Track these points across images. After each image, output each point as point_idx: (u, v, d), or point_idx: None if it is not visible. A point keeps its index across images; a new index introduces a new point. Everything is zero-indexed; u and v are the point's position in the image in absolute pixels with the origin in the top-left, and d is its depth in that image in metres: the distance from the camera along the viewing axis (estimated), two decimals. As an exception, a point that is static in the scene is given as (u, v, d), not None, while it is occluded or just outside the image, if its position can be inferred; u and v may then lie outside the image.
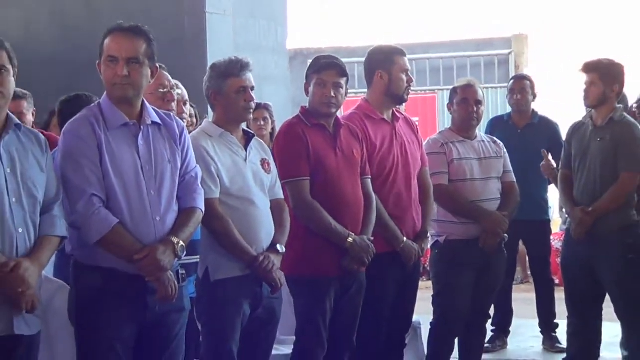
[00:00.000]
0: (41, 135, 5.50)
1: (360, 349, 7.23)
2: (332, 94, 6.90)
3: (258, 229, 6.39)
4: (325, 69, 6.94)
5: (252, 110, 6.62)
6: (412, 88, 7.61)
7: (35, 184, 5.23)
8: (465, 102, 7.99)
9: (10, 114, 5.28)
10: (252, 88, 6.49)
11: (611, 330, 9.61)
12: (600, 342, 9.20)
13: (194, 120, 7.95)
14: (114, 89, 5.55)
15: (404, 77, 7.43)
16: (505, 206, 8.01)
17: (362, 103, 7.51)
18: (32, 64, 5.41)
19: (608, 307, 9.02)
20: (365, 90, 7.65)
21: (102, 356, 5.51)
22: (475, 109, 7.99)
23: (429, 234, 7.56)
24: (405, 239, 7.28)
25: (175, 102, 6.75)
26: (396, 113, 7.54)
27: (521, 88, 10.38)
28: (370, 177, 7.14)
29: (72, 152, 5.48)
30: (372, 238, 6.99)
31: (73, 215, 5.43)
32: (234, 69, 6.47)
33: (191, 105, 8.04)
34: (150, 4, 12.00)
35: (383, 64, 7.45)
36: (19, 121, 5.31)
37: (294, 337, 7.16)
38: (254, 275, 6.31)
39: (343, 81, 6.99)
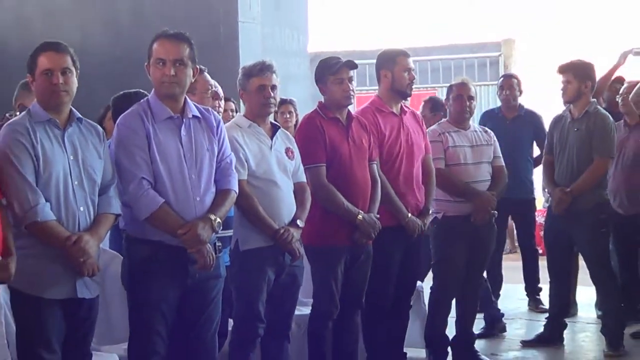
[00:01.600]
0: (99, 127, 5.55)
1: (370, 308, 7.26)
2: (350, 88, 6.96)
3: (280, 207, 6.43)
4: (339, 68, 6.96)
5: (272, 106, 6.62)
6: (415, 85, 7.59)
7: (94, 169, 5.29)
8: (459, 97, 8.00)
9: (73, 109, 5.33)
10: (273, 87, 6.52)
11: (587, 294, 9.64)
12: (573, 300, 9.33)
13: (234, 114, 7.96)
14: (162, 87, 5.59)
15: (406, 75, 7.40)
16: (494, 187, 8.00)
17: (375, 98, 7.51)
18: (89, 67, 5.43)
19: (584, 275, 9.05)
20: (376, 87, 7.65)
21: (149, 316, 5.54)
22: (468, 103, 7.99)
23: (430, 211, 7.57)
24: (409, 214, 7.30)
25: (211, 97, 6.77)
26: (404, 107, 7.53)
27: (509, 85, 10.37)
28: (376, 162, 7.14)
29: (125, 142, 5.53)
30: (378, 215, 7.01)
31: (125, 195, 5.47)
32: (256, 69, 6.53)
33: (232, 101, 8.08)
34: (190, 14, 12.00)
35: (387, 64, 7.45)
36: (80, 115, 5.37)
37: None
38: (277, 246, 6.35)
39: (352, 73, 7.05)
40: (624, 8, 19.46)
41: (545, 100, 11.49)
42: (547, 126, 9.09)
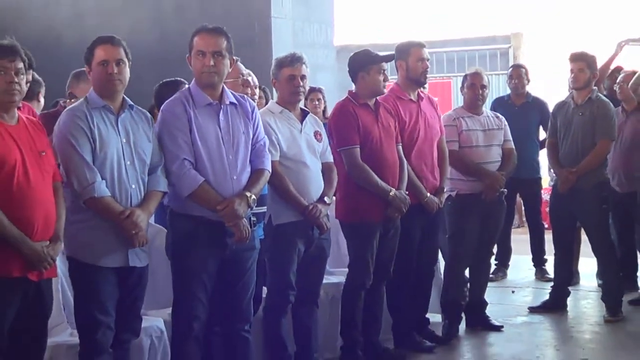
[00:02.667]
0: (148, 113, 5.58)
1: (395, 277, 7.26)
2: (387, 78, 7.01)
3: (309, 185, 6.44)
4: (382, 60, 7.00)
5: (301, 94, 6.64)
6: (432, 75, 7.57)
7: (144, 151, 5.34)
8: (473, 86, 7.97)
9: (126, 97, 5.36)
10: (303, 77, 6.53)
11: (588, 265, 9.61)
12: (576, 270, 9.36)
13: (263, 101, 7.96)
14: (202, 77, 5.60)
15: (420, 64, 7.38)
16: (503, 167, 7.98)
17: (394, 86, 7.49)
18: (137, 59, 5.44)
19: (586, 247, 9.03)
20: (396, 77, 7.64)
21: (191, 284, 5.58)
22: (481, 91, 7.97)
23: (445, 189, 7.56)
24: (428, 193, 7.29)
25: (250, 87, 6.78)
26: (420, 94, 7.51)
27: (518, 75, 10.35)
28: (401, 144, 7.14)
29: (168, 125, 5.55)
30: (407, 192, 7.01)
31: (169, 175, 5.49)
32: (287, 61, 6.55)
33: (264, 89, 8.07)
34: (228, 11, 12.00)
35: (402, 55, 7.43)
36: (132, 102, 5.39)
37: (340, 270, 7.21)
38: (306, 221, 6.36)
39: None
40: (623, 2, 19.37)
41: (550, 87, 11.42)
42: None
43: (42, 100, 6.86)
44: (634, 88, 8.84)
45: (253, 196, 5.61)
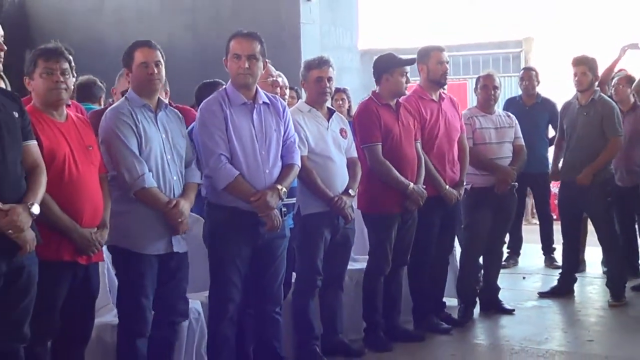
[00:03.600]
0: (179, 112, 5.61)
1: (416, 264, 7.28)
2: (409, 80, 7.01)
3: (334, 178, 6.45)
4: (405, 63, 6.99)
5: (328, 94, 6.64)
6: (449, 77, 7.57)
7: (180, 146, 5.38)
8: (486, 87, 7.96)
9: (160, 97, 5.39)
10: (329, 78, 6.55)
11: (594, 253, 9.58)
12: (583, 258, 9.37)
13: (295, 100, 7.97)
14: (238, 78, 5.63)
15: (439, 67, 7.37)
16: (514, 162, 7.95)
17: (417, 87, 7.48)
18: (174, 62, 5.49)
19: (592, 237, 9.02)
20: (417, 78, 7.64)
21: (226, 269, 5.62)
22: (493, 92, 7.96)
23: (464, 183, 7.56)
24: (447, 186, 7.30)
25: (279, 87, 6.80)
26: (442, 94, 7.50)
27: (529, 77, 10.33)
28: (420, 141, 7.13)
29: (206, 123, 5.58)
30: (425, 186, 7.02)
31: (206, 169, 5.53)
32: (315, 63, 6.58)
33: (295, 90, 8.09)
34: (260, 17, 12.02)
35: (423, 58, 7.41)
36: (166, 102, 5.43)
37: (364, 257, 7.23)
38: (332, 211, 6.39)
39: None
40: (626, 8, 19.29)
41: (558, 89, 11.37)
42: (560, 111, 9.08)
43: (102, 103, 6.90)
44: (637, 89, 8.86)
45: (284, 189, 5.64)
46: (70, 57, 4.94)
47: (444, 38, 16.28)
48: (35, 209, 4.33)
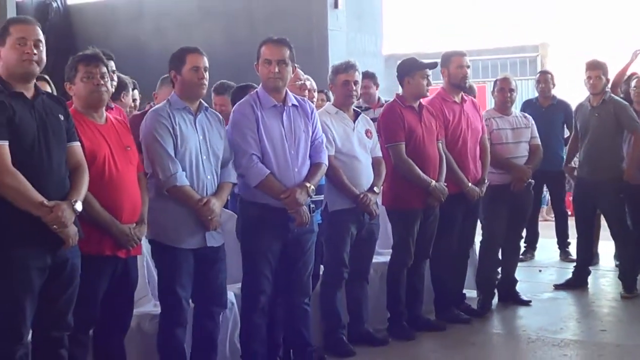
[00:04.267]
0: (219, 114, 5.61)
1: (438, 257, 7.25)
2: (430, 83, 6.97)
3: (360, 176, 6.45)
4: (426, 67, 6.93)
5: (354, 97, 6.64)
6: (469, 80, 7.53)
7: (218, 147, 5.38)
8: (502, 90, 7.90)
9: (202, 101, 5.40)
10: (356, 82, 6.55)
11: (607, 247, 9.53)
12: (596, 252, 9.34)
13: (325, 103, 7.97)
14: (268, 82, 5.62)
15: (460, 71, 7.33)
16: (530, 161, 7.90)
17: (440, 90, 7.45)
18: (211, 66, 5.48)
19: (604, 231, 8.97)
20: (439, 81, 7.63)
21: (258, 262, 5.61)
22: (509, 94, 7.90)
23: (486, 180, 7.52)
24: (470, 183, 7.27)
25: (308, 90, 6.79)
26: (464, 97, 7.47)
27: (545, 80, 10.25)
28: (441, 141, 7.09)
29: (239, 125, 5.58)
30: (446, 184, 6.99)
31: (239, 168, 5.52)
32: (342, 68, 6.57)
33: (324, 92, 8.08)
34: (290, 24, 12.06)
35: (445, 63, 7.39)
36: (207, 105, 5.43)
37: (388, 250, 7.21)
38: (358, 208, 6.38)
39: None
40: (637, 15, 19.25)
41: (573, 91, 11.31)
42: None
43: (124, 100, 6.89)
44: None
45: (312, 186, 5.63)
46: (110, 62, 4.95)
47: (465, 43, 16.30)
48: (78, 206, 4.36)
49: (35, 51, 4.35)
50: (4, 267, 4.24)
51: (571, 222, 9.48)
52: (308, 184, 5.60)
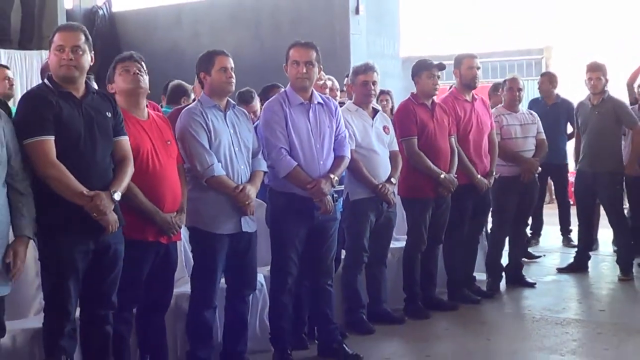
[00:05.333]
0: (246, 111, 5.60)
1: (450, 242, 7.25)
2: (437, 82, 6.93)
3: (378, 168, 6.44)
4: (433, 67, 6.90)
5: (373, 96, 6.63)
6: (479, 80, 7.50)
7: (247, 139, 5.36)
8: (511, 89, 7.87)
9: (229, 99, 5.39)
10: (374, 82, 6.54)
11: (606, 234, 9.47)
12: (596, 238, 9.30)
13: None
14: (296, 82, 5.59)
15: (470, 72, 7.29)
16: (537, 154, 7.87)
17: (453, 90, 7.43)
18: (241, 67, 5.49)
19: (603, 219, 8.92)
20: (451, 81, 7.60)
21: (285, 247, 5.61)
22: (517, 93, 7.88)
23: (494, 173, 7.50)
24: (479, 175, 7.24)
25: (330, 89, 6.76)
26: (475, 96, 7.43)
27: (549, 80, 10.21)
28: (453, 136, 7.06)
29: (269, 121, 5.56)
30: (456, 175, 6.96)
31: (269, 160, 5.51)
32: (361, 69, 6.56)
33: (344, 91, 8.06)
34: (315, 29, 12.06)
35: (457, 64, 7.35)
36: (234, 102, 5.42)
37: (404, 236, 7.20)
38: (377, 197, 6.37)
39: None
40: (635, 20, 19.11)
41: (575, 90, 11.22)
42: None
43: (185, 104, 6.92)
44: None
45: (336, 177, 5.62)
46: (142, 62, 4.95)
47: (476, 46, 16.23)
48: (117, 196, 4.37)
49: (72, 57, 4.35)
50: (51, 252, 4.30)
51: (573, 211, 9.45)
52: (332, 175, 5.58)
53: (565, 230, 10.39)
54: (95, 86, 5.40)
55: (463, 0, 21.74)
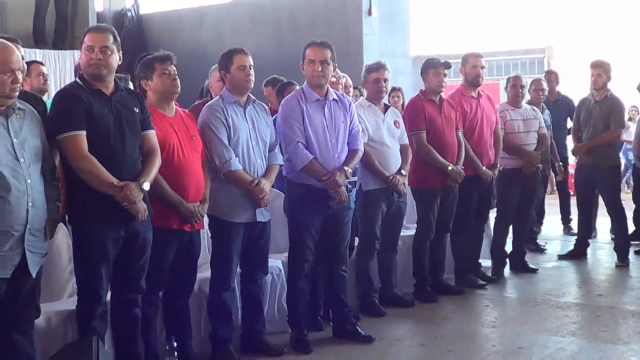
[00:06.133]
0: (265, 106, 5.57)
1: (456, 230, 7.23)
2: (444, 80, 6.90)
3: (389, 161, 6.41)
4: (439, 65, 6.88)
5: (384, 93, 6.60)
6: (485, 77, 7.48)
7: (265, 134, 5.34)
8: (515, 86, 7.84)
9: (250, 94, 5.37)
10: (386, 80, 6.51)
11: (604, 223, 9.43)
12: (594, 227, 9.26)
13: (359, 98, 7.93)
14: (312, 79, 5.56)
15: (474, 70, 7.27)
16: (539, 148, 7.84)
17: (460, 87, 7.39)
18: (261, 66, 5.49)
19: (602, 209, 8.88)
20: (460, 79, 7.59)
21: (302, 235, 5.59)
22: (520, 90, 7.84)
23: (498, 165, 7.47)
24: (484, 167, 7.21)
25: (345, 86, 6.74)
26: (480, 92, 7.40)
27: (550, 78, 10.14)
28: (460, 130, 7.04)
29: (287, 116, 5.54)
30: (463, 167, 6.94)
31: (286, 153, 5.50)
32: (374, 67, 6.53)
33: (358, 88, 8.04)
34: (330, 29, 12.09)
35: (463, 63, 7.34)
36: (254, 98, 5.40)
37: (414, 225, 7.17)
38: (388, 188, 6.36)
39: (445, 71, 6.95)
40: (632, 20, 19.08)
41: (575, 88, 11.15)
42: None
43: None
44: None
45: (349, 169, 5.59)
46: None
47: (482, 45, 16.22)
48: (146, 186, 4.37)
49: (100, 56, 4.35)
50: (84, 239, 4.32)
51: (573, 201, 9.42)
52: (346, 168, 5.56)
53: (565, 219, 10.37)
54: (131, 85, 5.42)
55: (470, 2, 21.73)
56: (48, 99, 5.72)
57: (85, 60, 4.38)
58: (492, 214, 7.98)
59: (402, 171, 6.47)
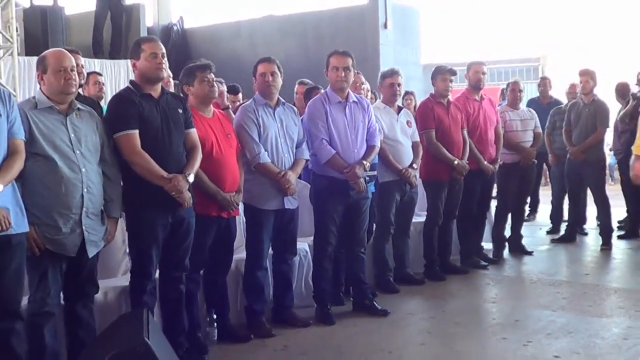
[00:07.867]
0: (294, 107, 5.56)
1: (462, 217, 7.18)
2: (450, 85, 6.86)
3: (402, 156, 6.38)
4: (445, 71, 6.84)
5: (397, 96, 6.56)
6: (487, 83, 7.43)
7: (293, 132, 5.32)
8: (514, 90, 7.78)
9: (280, 97, 5.35)
10: (399, 84, 6.46)
11: (591, 211, 9.35)
12: (584, 216, 9.16)
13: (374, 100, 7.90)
14: (336, 84, 5.54)
15: (476, 76, 7.22)
16: (534, 145, 7.79)
17: (464, 91, 7.34)
18: (288, 73, 5.47)
19: (589, 198, 8.81)
20: (463, 84, 7.54)
21: (326, 221, 5.56)
22: (519, 94, 7.80)
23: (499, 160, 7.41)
24: (485, 162, 7.16)
25: (365, 91, 6.72)
26: (483, 95, 7.33)
27: (544, 83, 10.10)
28: (466, 129, 6.99)
29: (312, 116, 5.52)
30: (467, 162, 6.89)
31: (312, 149, 5.47)
32: (388, 73, 6.49)
33: (374, 92, 8.00)
34: (350, 39, 12.09)
35: (467, 70, 7.29)
36: (284, 100, 5.38)
37: (424, 212, 7.13)
38: (401, 179, 6.33)
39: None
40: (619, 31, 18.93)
41: (565, 91, 11.07)
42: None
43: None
44: None
45: (367, 163, 5.55)
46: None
47: (484, 54, 16.18)
48: (191, 178, 4.38)
49: (163, 62, 4.39)
50: (137, 224, 4.34)
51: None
52: (365, 162, 5.52)
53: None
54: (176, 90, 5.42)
55: (474, 16, 21.65)
56: (104, 104, 5.76)
57: (149, 65, 4.36)
58: (493, 203, 7.93)
59: (414, 165, 6.44)
